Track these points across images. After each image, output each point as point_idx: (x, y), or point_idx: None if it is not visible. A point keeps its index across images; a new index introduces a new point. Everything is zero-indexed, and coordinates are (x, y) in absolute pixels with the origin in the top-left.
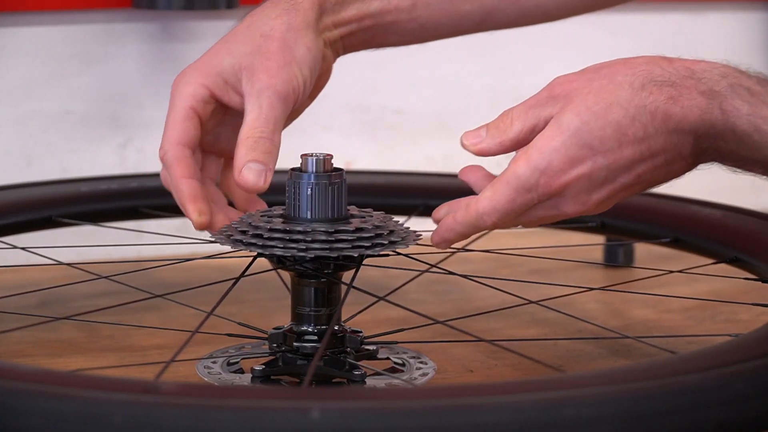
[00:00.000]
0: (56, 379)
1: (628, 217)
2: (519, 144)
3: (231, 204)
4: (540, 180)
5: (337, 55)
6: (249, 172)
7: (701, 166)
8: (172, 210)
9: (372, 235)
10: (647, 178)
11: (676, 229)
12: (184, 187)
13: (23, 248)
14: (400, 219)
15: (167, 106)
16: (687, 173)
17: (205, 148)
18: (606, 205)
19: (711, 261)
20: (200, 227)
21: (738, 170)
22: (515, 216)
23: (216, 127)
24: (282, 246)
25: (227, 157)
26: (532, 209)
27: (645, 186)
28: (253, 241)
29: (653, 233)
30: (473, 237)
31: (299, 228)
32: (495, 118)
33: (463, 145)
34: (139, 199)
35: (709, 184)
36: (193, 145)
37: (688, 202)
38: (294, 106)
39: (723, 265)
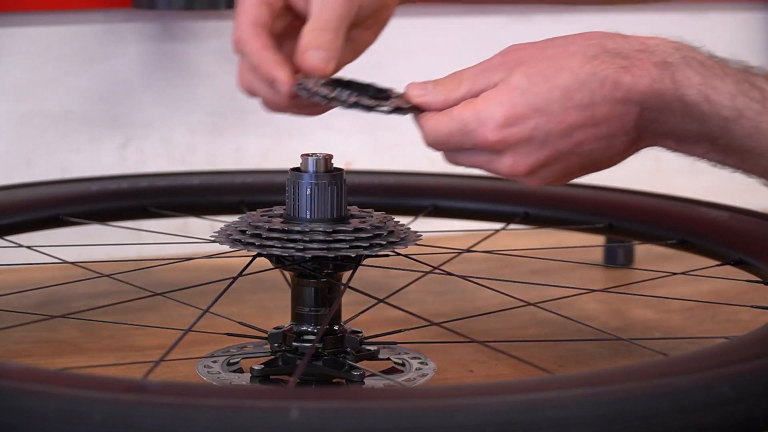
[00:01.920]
0: (39, 376)
1: (635, 219)
2: None
3: None
4: (478, 129)
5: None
6: (312, 55)
7: (644, 153)
8: (181, 209)
9: (371, 235)
10: (586, 151)
11: (682, 231)
12: (268, 55)
13: (28, 247)
14: (407, 219)
15: (167, 106)
16: (627, 156)
17: None
18: (538, 176)
19: (716, 263)
20: (289, 92)
21: (680, 151)
22: (449, 149)
23: (280, 37)
24: (280, 246)
25: None
26: (468, 153)
27: (582, 160)
28: (252, 240)
29: (660, 235)
30: (476, 239)
31: (298, 228)
32: (444, 76)
33: (407, 93)
34: (148, 198)
35: (711, 185)
36: (268, 29)
37: (696, 203)
38: (358, 12)
39: (728, 267)
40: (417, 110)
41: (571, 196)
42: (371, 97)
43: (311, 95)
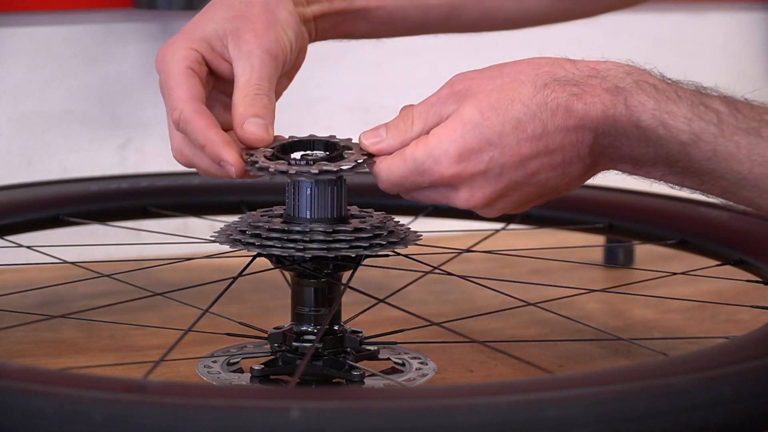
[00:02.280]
0: (40, 376)
1: (635, 219)
2: None
3: None
4: (433, 167)
5: (311, 38)
6: (251, 125)
7: (599, 175)
8: (181, 209)
9: (370, 235)
10: (542, 179)
11: (682, 231)
12: (214, 135)
13: (28, 247)
14: (407, 219)
15: (167, 106)
16: (584, 181)
17: None
18: (495, 207)
19: (716, 263)
20: (240, 172)
21: (637, 175)
22: (405, 190)
23: (206, 100)
24: (280, 246)
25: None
26: (424, 190)
27: (539, 189)
28: (252, 240)
29: (660, 235)
30: (476, 239)
31: (298, 228)
32: (395, 117)
33: (362, 145)
34: (147, 198)
35: None
36: (204, 102)
37: (696, 204)
38: (283, 68)
39: (728, 267)
40: (373, 157)
41: (571, 196)
42: (329, 158)
43: (272, 175)
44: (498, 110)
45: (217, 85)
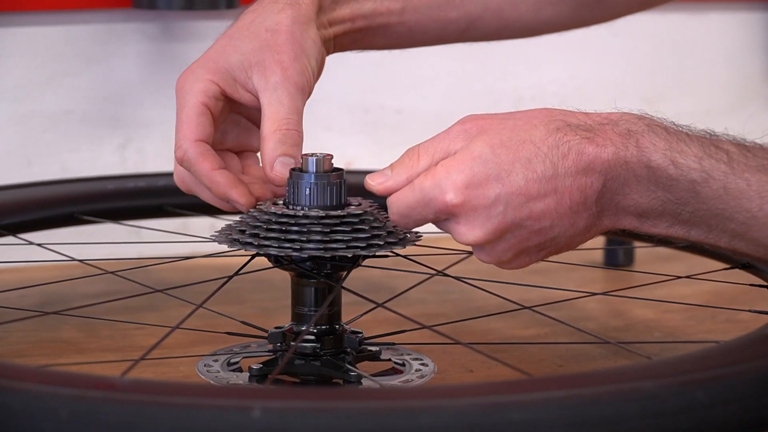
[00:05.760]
0: (11, 372)
1: None
2: None
3: None
4: (438, 196)
5: (328, 53)
6: (282, 166)
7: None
8: (198, 209)
9: (368, 235)
10: (545, 227)
11: None
12: (219, 178)
13: (39, 244)
14: None
15: (167, 106)
16: (586, 238)
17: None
18: (494, 249)
19: (723, 266)
20: (249, 207)
21: (642, 230)
22: (413, 222)
23: (221, 124)
24: (277, 246)
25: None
26: (435, 224)
27: (540, 238)
28: (250, 240)
29: None
30: None
31: (295, 228)
32: (399, 157)
33: (368, 186)
34: (164, 197)
35: None
36: (210, 142)
37: None
38: (307, 98)
39: (736, 270)
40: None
41: None
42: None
43: (264, 214)
44: (509, 148)
45: (235, 108)
